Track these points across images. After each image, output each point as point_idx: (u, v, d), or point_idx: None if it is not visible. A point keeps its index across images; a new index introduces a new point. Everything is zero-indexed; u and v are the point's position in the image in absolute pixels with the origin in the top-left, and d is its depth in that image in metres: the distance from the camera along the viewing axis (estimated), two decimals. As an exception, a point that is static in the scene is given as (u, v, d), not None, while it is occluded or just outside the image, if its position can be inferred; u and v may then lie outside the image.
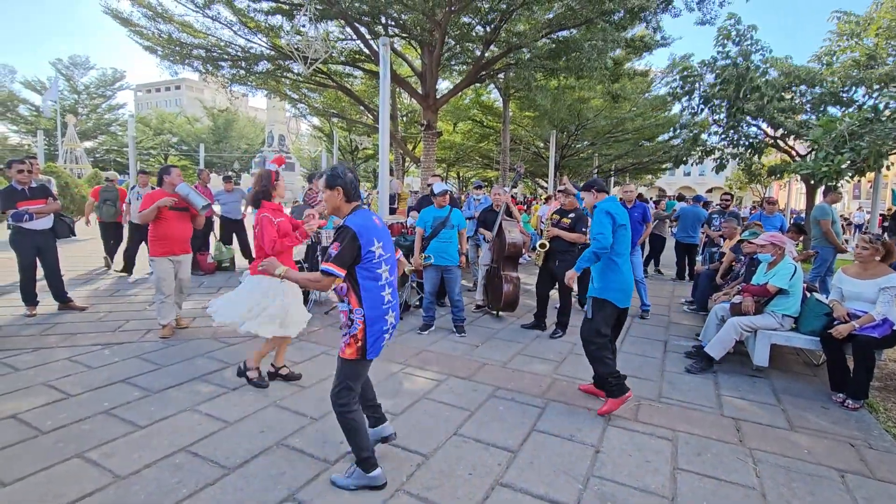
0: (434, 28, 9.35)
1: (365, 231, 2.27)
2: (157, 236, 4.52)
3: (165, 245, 4.54)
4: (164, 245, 4.54)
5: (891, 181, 21.00)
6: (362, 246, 2.25)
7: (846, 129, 5.79)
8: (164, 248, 4.55)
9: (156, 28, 10.06)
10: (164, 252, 4.55)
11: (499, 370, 4.04)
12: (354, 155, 28.96)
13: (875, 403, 3.57)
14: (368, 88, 15.94)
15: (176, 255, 4.64)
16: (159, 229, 4.52)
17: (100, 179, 17.00)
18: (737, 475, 2.58)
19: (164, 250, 4.55)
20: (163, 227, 4.52)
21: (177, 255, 4.66)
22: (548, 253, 5.07)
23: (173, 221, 4.56)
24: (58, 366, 3.76)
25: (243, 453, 2.61)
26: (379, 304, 2.31)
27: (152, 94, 74.59)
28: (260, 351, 3.56)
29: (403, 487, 2.37)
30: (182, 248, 4.70)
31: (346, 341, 2.31)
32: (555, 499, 2.33)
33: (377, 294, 2.31)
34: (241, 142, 48.35)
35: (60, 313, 5.19)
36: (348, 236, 2.22)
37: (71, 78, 39.26)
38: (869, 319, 3.60)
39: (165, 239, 4.54)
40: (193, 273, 7.58)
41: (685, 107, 10.48)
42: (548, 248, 5.06)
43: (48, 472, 2.39)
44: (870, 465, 2.74)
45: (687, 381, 3.93)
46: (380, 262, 2.32)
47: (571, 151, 20.49)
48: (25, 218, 4.86)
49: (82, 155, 24.75)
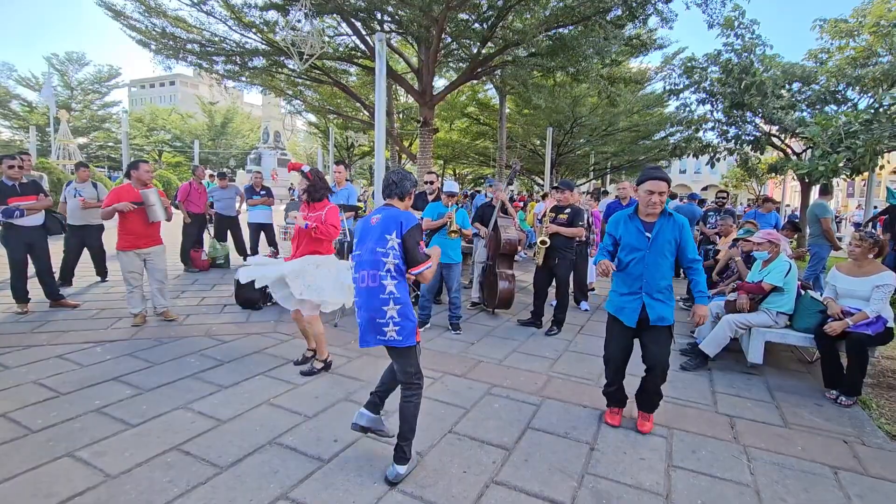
0: (431, 24, 9.29)
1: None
2: (122, 231, 4.67)
3: (130, 239, 4.68)
4: (129, 239, 4.68)
5: (885, 179, 21.12)
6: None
7: (842, 128, 5.80)
8: (130, 243, 4.68)
9: (149, 22, 9.96)
10: (129, 246, 4.69)
11: (494, 368, 4.03)
12: (350, 152, 28.84)
13: (868, 400, 3.58)
14: (364, 85, 15.86)
15: (142, 248, 4.76)
16: (125, 224, 4.66)
17: (93, 175, 16.87)
18: (731, 472, 2.59)
19: (129, 244, 4.68)
20: (127, 223, 4.65)
21: (143, 249, 4.77)
22: (548, 250, 5.06)
23: (137, 217, 4.66)
24: (49, 364, 3.72)
25: (236, 452, 2.59)
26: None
27: (146, 90, 74.09)
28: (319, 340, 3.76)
29: (398, 486, 2.36)
30: (148, 241, 4.80)
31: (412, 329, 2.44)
32: (550, 497, 2.33)
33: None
34: (237, 138, 48.07)
35: (52, 311, 5.14)
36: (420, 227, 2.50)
37: (65, 74, 38.89)
38: (863, 317, 3.61)
39: (131, 234, 4.67)
40: (188, 270, 7.60)
41: (684, 103, 10.48)
42: (548, 244, 5.05)
43: (38, 472, 2.36)
44: (863, 462, 2.75)
45: (682, 379, 3.93)
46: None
47: (568, 149, 20.47)
48: (16, 214, 4.80)
49: (75, 151, 24.50)
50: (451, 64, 13.32)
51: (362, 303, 2.42)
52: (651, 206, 2.76)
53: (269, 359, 4.02)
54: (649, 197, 2.76)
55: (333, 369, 3.82)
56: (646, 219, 2.85)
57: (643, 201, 2.79)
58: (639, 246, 2.83)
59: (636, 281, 2.85)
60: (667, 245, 2.81)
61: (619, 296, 2.95)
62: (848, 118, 6.04)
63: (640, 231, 2.84)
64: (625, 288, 2.92)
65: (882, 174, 20.04)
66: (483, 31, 9.88)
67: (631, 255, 2.86)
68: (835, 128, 5.92)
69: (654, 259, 2.81)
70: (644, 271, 2.82)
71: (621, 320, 2.91)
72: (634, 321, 2.86)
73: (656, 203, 2.75)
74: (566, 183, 5.23)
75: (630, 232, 2.88)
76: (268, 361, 3.95)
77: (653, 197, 2.74)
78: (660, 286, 2.83)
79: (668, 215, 2.83)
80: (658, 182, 2.73)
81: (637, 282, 2.85)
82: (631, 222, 2.90)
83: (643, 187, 2.76)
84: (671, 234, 2.80)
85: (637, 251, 2.84)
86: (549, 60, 9.58)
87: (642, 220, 2.86)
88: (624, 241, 2.91)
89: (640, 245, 2.83)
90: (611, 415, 3.13)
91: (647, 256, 2.81)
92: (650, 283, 2.82)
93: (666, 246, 2.81)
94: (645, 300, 2.83)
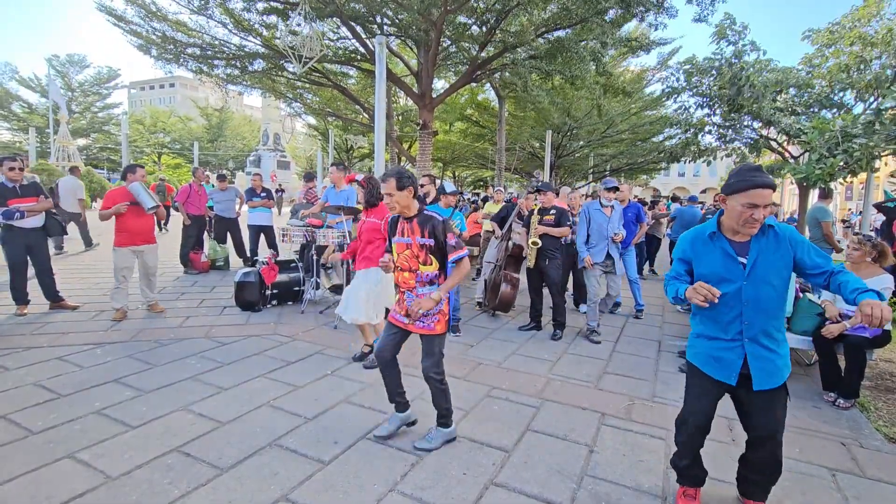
0: (430, 28, 9.34)
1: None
2: (119, 229, 4.98)
3: (127, 237, 5.00)
4: (126, 236, 5.00)
5: (882, 182, 21.19)
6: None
7: (840, 131, 5.83)
8: (126, 239, 5.01)
9: (149, 26, 9.99)
10: (126, 242, 5.01)
11: (494, 370, 4.04)
12: (350, 154, 28.88)
13: (866, 403, 3.59)
14: (364, 88, 15.90)
15: (138, 245, 5.10)
16: (122, 223, 4.97)
17: (92, 177, 16.84)
18: (730, 474, 2.59)
19: (126, 241, 5.01)
20: (124, 221, 4.97)
21: (139, 246, 5.10)
22: (539, 251, 5.10)
23: (133, 216, 4.98)
24: (49, 365, 3.72)
25: (236, 453, 2.60)
26: None
27: (146, 92, 74.11)
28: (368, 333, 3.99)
29: (397, 487, 2.36)
30: (144, 238, 5.15)
31: (436, 318, 2.67)
32: (549, 499, 2.34)
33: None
34: (236, 140, 48.10)
35: (52, 312, 5.14)
36: (448, 224, 2.64)
37: (66, 75, 38.94)
38: (860, 319, 3.61)
39: (127, 231, 5.00)
40: (188, 272, 7.61)
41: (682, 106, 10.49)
42: (540, 245, 5.08)
43: (38, 473, 2.36)
44: (860, 464, 2.76)
45: (681, 381, 3.92)
46: None
47: (566, 151, 20.53)
48: (16, 216, 4.81)
49: (75, 153, 24.51)
50: (451, 67, 13.38)
51: None
52: (750, 225, 1.96)
53: (269, 360, 4.02)
54: (751, 212, 1.93)
55: (333, 371, 3.83)
56: (735, 238, 2.07)
57: (740, 217, 1.96)
58: (730, 276, 2.05)
59: (733, 324, 2.07)
60: (773, 271, 2.01)
61: (707, 341, 2.17)
62: (845, 122, 6.07)
63: (730, 255, 2.06)
64: (716, 331, 2.13)
65: (880, 177, 20.12)
66: (482, 34, 9.93)
67: (720, 290, 1.98)
68: (832, 131, 5.94)
69: (755, 292, 2.01)
70: (743, 310, 2.03)
71: (711, 375, 2.15)
72: (734, 378, 2.10)
73: (759, 221, 1.95)
74: (546, 185, 5.30)
75: (713, 257, 2.10)
76: (268, 363, 3.96)
77: (756, 212, 1.92)
78: (767, 329, 2.05)
79: (769, 229, 2.02)
80: (765, 192, 1.90)
81: (734, 324, 2.07)
82: (713, 243, 2.11)
83: (740, 199, 1.94)
84: (777, 255, 2.01)
85: (728, 283, 2.04)
86: (548, 64, 9.62)
87: (730, 240, 2.08)
88: (704, 269, 2.12)
89: (732, 275, 2.04)
90: (684, 499, 2.32)
91: (746, 289, 2.02)
92: (753, 324, 2.04)
93: (772, 272, 2.01)
94: (748, 349, 2.06)
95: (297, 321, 5.21)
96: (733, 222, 2.03)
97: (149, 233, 5.22)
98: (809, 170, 6.22)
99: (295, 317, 5.38)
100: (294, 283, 5.91)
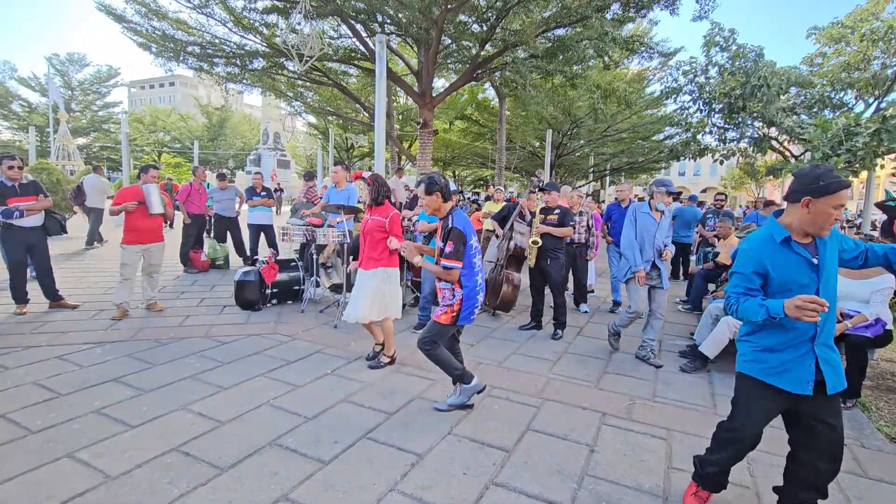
0: (430, 26, 9.32)
1: (467, 229, 2.94)
2: (128, 227, 5.08)
3: (136, 235, 5.10)
4: (134, 235, 5.10)
5: (883, 181, 21.17)
6: (466, 241, 2.92)
7: (842, 130, 5.81)
8: (135, 238, 5.10)
9: (149, 25, 9.98)
10: (134, 241, 5.10)
11: (494, 369, 4.03)
12: (350, 153, 28.87)
13: (867, 403, 3.59)
14: (364, 87, 15.89)
15: (145, 243, 5.18)
16: (130, 221, 5.07)
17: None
18: (731, 474, 2.58)
19: (134, 239, 5.10)
20: (133, 220, 5.07)
21: (146, 244, 5.19)
22: (540, 250, 5.09)
23: (141, 215, 5.09)
24: (48, 364, 3.71)
25: (236, 453, 2.59)
26: (474, 286, 3.00)
27: (146, 91, 74.07)
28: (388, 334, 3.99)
29: (397, 487, 2.36)
30: (151, 237, 5.24)
31: (444, 310, 3.01)
32: (549, 498, 2.33)
33: (473, 278, 2.99)
34: (236, 139, 48.06)
35: (51, 311, 5.13)
36: (458, 236, 2.88)
37: (65, 74, 38.91)
38: (862, 319, 3.61)
39: (136, 230, 5.10)
40: (187, 271, 7.60)
41: (682, 106, 10.50)
42: (540, 244, 5.07)
43: (38, 473, 2.36)
44: (862, 464, 2.76)
45: (681, 380, 3.94)
46: (475, 253, 3.01)
47: (567, 150, 20.52)
48: (16, 215, 4.80)
49: (75, 152, 24.54)
50: (451, 65, 13.37)
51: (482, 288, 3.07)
52: (831, 225, 1.93)
53: (269, 360, 4.02)
54: (838, 213, 1.91)
55: (333, 370, 3.83)
56: (803, 240, 1.99)
57: (829, 218, 1.90)
58: (808, 281, 1.96)
59: (809, 330, 1.97)
60: (834, 268, 2.02)
61: (771, 353, 2.04)
62: (848, 120, 6.05)
63: (807, 259, 1.96)
64: (788, 341, 2.01)
65: (881, 177, 20.09)
66: (482, 33, 9.91)
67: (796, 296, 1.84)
68: (834, 130, 5.93)
69: (828, 292, 1.96)
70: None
71: (778, 387, 2.02)
72: (810, 387, 1.98)
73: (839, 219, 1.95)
74: (552, 185, 5.26)
75: (787, 263, 1.98)
76: (268, 362, 3.95)
77: (838, 212, 1.92)
78: (831, 331, 2.02)
79: None
80: (847, 191, 1.90)
81: (810, 330, 1.97)
82: (786, 248, 1.99)
83: (831, 201, 1.87)
84: (833, 251, 2.02)
85: (807, 288, 1.94)
86: (548, 63, 9.61)
87: (801, 244, 1.99)
88: (779, 277, 1.98)
89: (810, 279, 1.96)
90: (694, 499, 2.32)
91: (822, 291, 1.94)
92: (826, 326, 1.98)
93: (833, 269, 2.01)
94: (818, 353, 1.97)
95: (297, 320, 5.21)
96: (817, 224, 1.93)
97: (157, 231, 5.31)
98: (811, 169, 6.21)
99: (295, 316, 5.38)
100: (294, 282, 5.90)
